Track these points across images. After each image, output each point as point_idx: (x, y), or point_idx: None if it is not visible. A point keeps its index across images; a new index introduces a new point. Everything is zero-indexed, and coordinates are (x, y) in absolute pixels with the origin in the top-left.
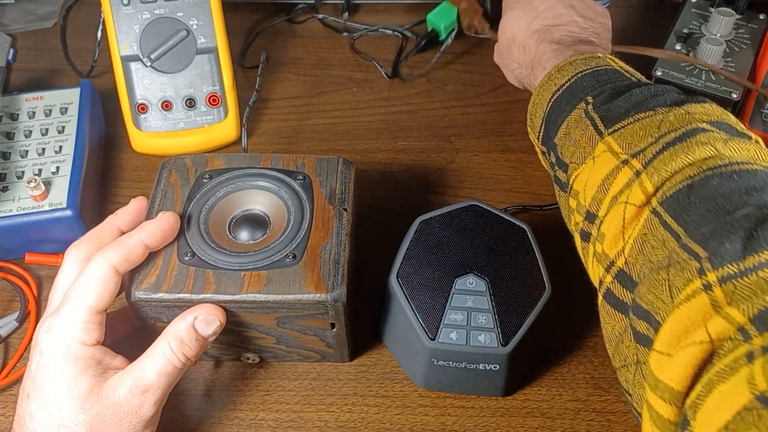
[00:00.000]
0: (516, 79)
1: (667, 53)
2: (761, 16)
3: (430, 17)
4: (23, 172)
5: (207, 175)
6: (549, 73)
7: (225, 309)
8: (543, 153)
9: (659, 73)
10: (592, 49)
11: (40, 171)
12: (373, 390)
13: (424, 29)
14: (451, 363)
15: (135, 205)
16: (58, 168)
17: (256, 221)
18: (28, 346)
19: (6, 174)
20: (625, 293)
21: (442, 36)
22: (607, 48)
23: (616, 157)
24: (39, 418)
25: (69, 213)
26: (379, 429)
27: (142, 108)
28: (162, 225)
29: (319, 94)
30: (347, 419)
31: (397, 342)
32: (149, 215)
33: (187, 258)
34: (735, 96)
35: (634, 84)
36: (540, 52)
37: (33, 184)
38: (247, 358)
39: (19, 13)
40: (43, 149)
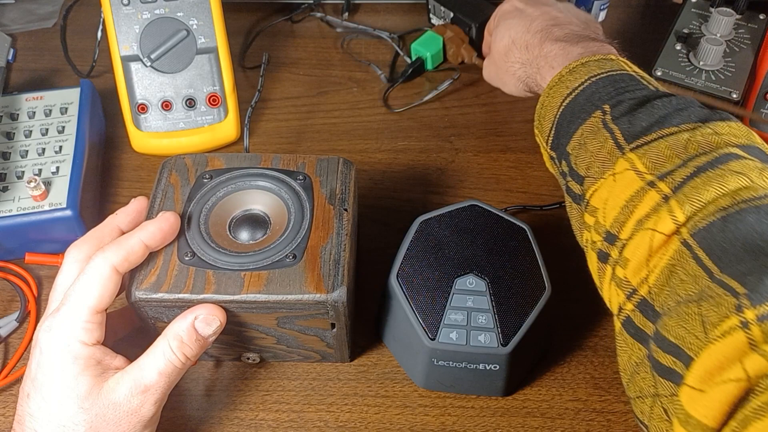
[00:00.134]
0: (518, 82)
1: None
2: (761, 16)
3: (414, 46)
4: (23, 172)
5: (207, 175)
6: (560, 73)
7: (225, 309)
8: (552, 159)
9: (659, 72)
10: (599, 46)
11: (40, 171)
12: (373, 390)
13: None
14: (451, 363)
15: (135, 205)
16: (58, 168)
17: (256, 221)
18: (28, 346)
19: (6, 174)
20: (646, 323)
21: (429, 66)
22: (611, 47)
23: (641, 178)
24: (39, 417)
25: (69, 213)
26: (379, 429)
27: (142, 108)
28: (162, 225)
29: (319, 94)
30: (347, 419)
31: (397, 342)
32: (149, 215)
33: (187, 258)
34: (735, 96)
35: (653, 94)
36: (545, 50)
37: (33, 184)
38: (248, 358)
39: (19, 13)
40: (43, 149)
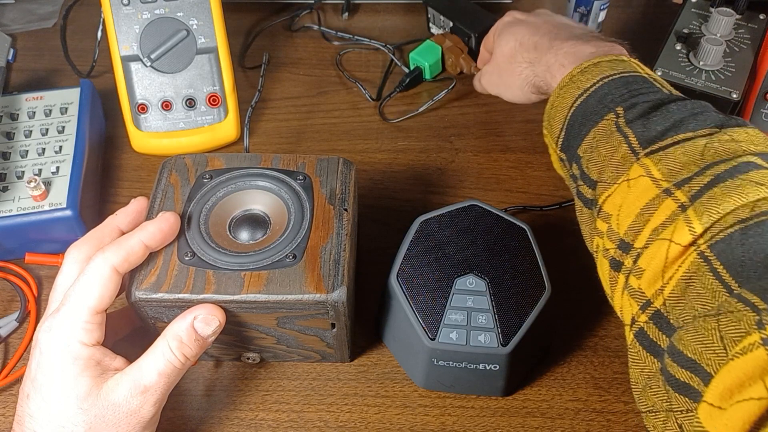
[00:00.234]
0: (524, 84)
1: None
2: (761, 16)
3: (413, 56)
4: (23, 172)
5: (207, 175)
6: (570, 73)
7: (225, 309)
8: (562, 161)
9: (659, 72)
10: (611, 47)
11: (40, 171)
12: (373, 390)
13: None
14: (451, 363)
15: (135, 205)
16: (58, 168)
17: (256, 221)
18: (28, 346)
19: (6, 174)
20: (661, 336)
21: (427, 75)
22: (622, 48)
23: (657, 185)
24: (38, 418)
25: (69, 213)
26: (379, 429)
27: (142, 108)
28: (162, 225)
29: (319, 94)
30: (347, 419)
31: (397, 342)
32: (149, 215)
33: (187, 258)
34: (735, 96)
35: (668, 98)
36: (556, 48)
37: (33, 184)
38: (248, 358)
39: (19, 13)
40: (43, 149)
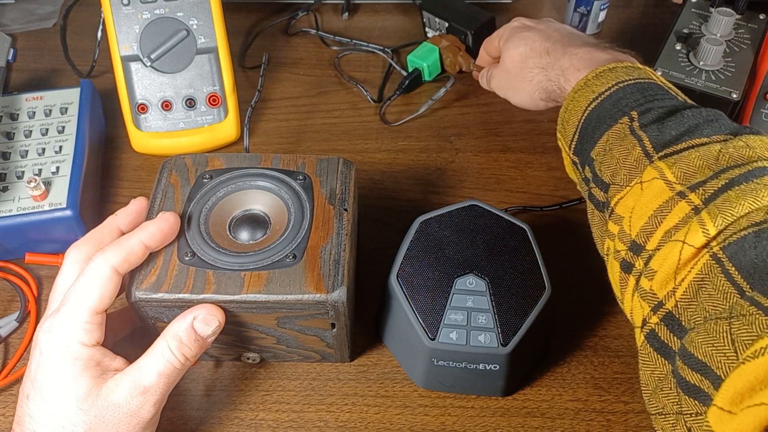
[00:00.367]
0: (535, 89)
1: None
2: (761, 16)
3: (411, 58)
4: (23, 172)
5: (207, 175)
6: (585, 77)
7: (225, 309)
8: (574, 164)
9: (659, 72)
10: (625, 57)
11: (40, 171)
12: (373, 390)
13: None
14: (451, 363)
15: (135, 205)
16: (58, 168)
17: (256, 221)
18: (28, 346)
19: (6, 174)
20: (672, 338)
21: (426, 77)
22: (635, 59)
23: (670, 188)
24: (38, 418)
25: (69, 213)
26: (379, 429)
27: (142, 108)
28: (162, 225)
29: (319, 94)
30: (347, 419)
31: (397, 342)
32: (149, 215)
33: (187, 258)
34: (735, 96)
35: (682, 105)
36: (570, 54)
37: (33, 184)
38: (248, 358)
39: (19, 13)
40: (43, 149)
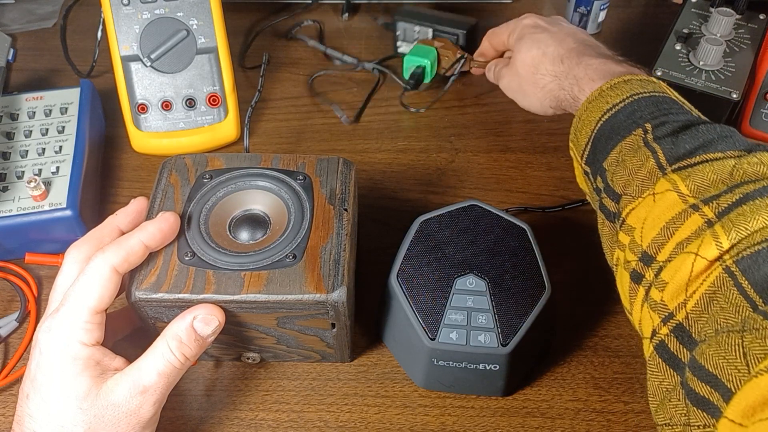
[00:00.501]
0: (545, 96)
1: None
2: (761, 16)
3: (409, 57)
4: (23, 172)
5: (207, 175)
6: (600, 88)
7: (225, 309)
8: (586, 174)
9: (659, 72)
10: (640, 71)
11: (40, 171)
12: (373, 390)
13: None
14: (451, 363)
15: (135, 205)
16: (58, 168)
17: (256, 221)
18: (28, 346)
19: (6, 174)
20: (682, 350)
21: (428, 74)
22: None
23: (684, 200)
24: (38, 418)
25: (69, 213)
26: (379, 429)
27: (142, 108)
28: (162, 225)
29: (319, 94)
30: (347, 419)
31: (397, 342)
32: (149, 215)
33: (187, 258)
34: (735, 96)
35: (697, 120)
36: (585, 64)
37: (33, 184)
38: (248, 358)
39: (19, 13)
40: (43, 149)
